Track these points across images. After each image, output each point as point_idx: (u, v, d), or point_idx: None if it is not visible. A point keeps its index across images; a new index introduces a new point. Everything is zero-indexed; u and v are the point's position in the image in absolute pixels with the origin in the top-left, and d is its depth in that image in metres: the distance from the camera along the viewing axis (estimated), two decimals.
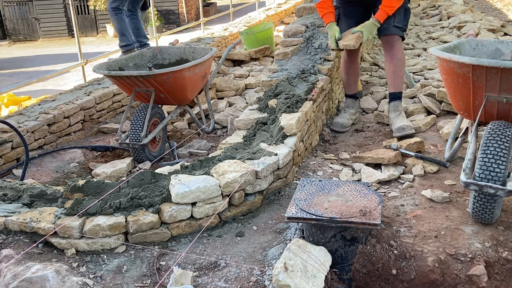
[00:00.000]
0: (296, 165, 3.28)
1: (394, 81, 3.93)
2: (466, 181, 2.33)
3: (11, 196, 2.77)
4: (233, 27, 9.09)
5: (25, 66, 14.66)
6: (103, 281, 2.25)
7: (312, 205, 2.38)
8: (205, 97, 4.64)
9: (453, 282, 2.28)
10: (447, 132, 3.62)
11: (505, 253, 2.32)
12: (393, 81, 3.94)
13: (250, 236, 2.57)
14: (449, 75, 2.66)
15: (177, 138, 4.58)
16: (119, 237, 2.47)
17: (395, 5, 3.70)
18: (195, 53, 4.64)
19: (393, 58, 3.89)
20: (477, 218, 2.50)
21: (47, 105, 4.64)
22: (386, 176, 3.13)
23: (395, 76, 3.92)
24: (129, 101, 4.12)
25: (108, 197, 2.55)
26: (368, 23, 3.78)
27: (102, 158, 4.20)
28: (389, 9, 3.71)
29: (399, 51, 3.89)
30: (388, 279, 2.34)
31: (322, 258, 2.19)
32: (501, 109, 2.57)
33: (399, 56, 3.89)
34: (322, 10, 3.99)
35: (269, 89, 3.93)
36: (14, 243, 2.48)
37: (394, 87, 3.94)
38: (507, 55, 3.14)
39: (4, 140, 3.84)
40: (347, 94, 4.28)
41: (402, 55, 3.93)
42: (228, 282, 2.19)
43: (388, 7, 3.69)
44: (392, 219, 2.63)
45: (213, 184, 2.56)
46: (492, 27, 7.38)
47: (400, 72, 3.94)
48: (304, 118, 3.43)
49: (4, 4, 20.44)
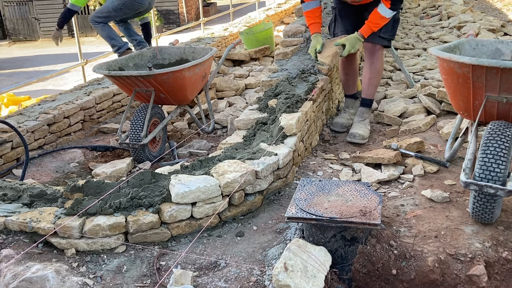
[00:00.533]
0: (296, 165, 3.28)
1: (368, 88, 4.02)
2: (466, 181, 2.33)
3: (11, 196, 2.77)
4: (233, 27, 9.09)
5: (25, 66, 14.67)
6: (103, 281, 2.25)
7: (312, 205, 2.38)
8: (205, 97, 4.64)
9: (453, 282, 2.28)
10: (447, 132, 3.62)
11: (505, 253, 2.32)
12: (367, 88, 4.03)
13: (250, 236, 2.58)
14: (449, 75, 2.66)
15: (177, 138, 4.58)
16: (119, 237, 2.47)
17: (381, 23, 3.72)
18: (195, 53, 4.65)
19: (371, 66, 3.95)
20: (477, 218, 2.50)
21: (47, 105, 4.64)
22: (386, 176, 3.13)
23: (369, 83, 4.01)
24: (129, 101, 4.12)
25: (108, 197, 2.55)
26: (352, 36, 3.79)
27: (102, 158, 4.20)
28: (374, 26, 3.73)
29: (378, 60, 3.94)
30: (388, 279, 2.34)
31: (322, 258, 2.19)
32: (501, 109, 2.57)
33: (378, 65, 3.95)
34: (309, 19, 3.99)
35: (269, 89, 3.93)
36: (14, 243, 2.48)
37: (366, 94, 4.04)
38: (507, 55, 3.14)
39: (4, 140, 3.84)
40: (347, 94, 4.29)
41: (381, 65, 4.00)
42: (228, 282, 2.19)
43: (374, 23, 3.72)
44: (392, 219, 2.63)
45: (213, 184, 2.56)
46: (492, 27, 7.38)
47: (375, 80, 4.01)
48: (304, 118, 3.43)
49: (4, 4, 20.45)
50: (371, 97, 4.04)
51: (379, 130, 4.12)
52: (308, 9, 3.95)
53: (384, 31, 3.82)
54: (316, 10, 3.95)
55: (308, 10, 3.95)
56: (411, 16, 9.51)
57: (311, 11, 3.94)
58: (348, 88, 4.23)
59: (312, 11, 3.94)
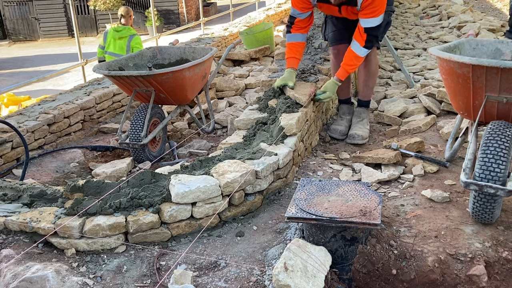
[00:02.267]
0: (296, 165, 3.28)
1: (363, 90, 4.01)
2: (466, 181, 2.33)
3: (11, 196, 2.77)
4: (233, 27, 9.09)
5: (25, 66, 14.67)
6: (103, 281, 2.25)
7: (312, 205, 2.38)
8: (205, 97, 4.64)
9: (453, 282, 2.28)
10: (447, 132, 3.62)
11: (505, 253, 2.32)
12: (362, 90, 4.02)
13: (250, 236, 2.57)
14: (449, 75, 2.66)
15: (177, 138, 4.58)
16: (119, 237, 2.47)
17: (357, 63, 3.64)
18: (195, 53, 4.64)
19: (365, 68, 3.92)
20: (477, 218, 2.50)
21: (47, 105, 4.64)
22: (386, 176, 3.13)
23: (365, 85, 3.99)
24: (129, 101, 4.12)
25: (108, 197, 2.55)
26: (330, 83, 3.69)
27: (102, 158, 4.20)
28: (350, 68, 3.64)
29: (372, 62, 3.90)
30: (388, 279, 2.34)
31: (322, 258, 2.19)
32: (501, 109, 2.57)
33: (372, 68, 3.93)
34: (290, 52, 3.84)
35: (269, 89, 3.92)
36: (14, 243, 2.48)
37: (363, 96, 4.03)
38: (507, 55, 3.14)
39: (4, 140, 3.84)
40: (341, 100, 4.17)
41: (375, 67, 3.98)
42: (228, 282, 2.19)
43: (349, 65, 3.63)
44: (392, 219, 2.63)
45: (213, 184, 2.56)
46: (492, 27, 7.39)
47: (370, 82, 3.99)
48: (304, 118, 3.43)
49: (4, 4, 20.45)
50: (367, 98, 4.03)
51: (379, 130, 4.12)
52: (292, 41, 3.81)
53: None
54: (299, 45, 3.82)
55: (292, 42, 3.82)
56: (411, 16, 9.51)
57: (294, 44, 3.81)
58: (341, 92, 4.09)
59: (295, 44, 3.81)
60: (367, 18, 3.47)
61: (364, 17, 3.48)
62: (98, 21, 20.68)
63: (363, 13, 3.46)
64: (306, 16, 3.74)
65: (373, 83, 4.03)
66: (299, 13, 3.71)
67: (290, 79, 3.72)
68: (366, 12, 3.44)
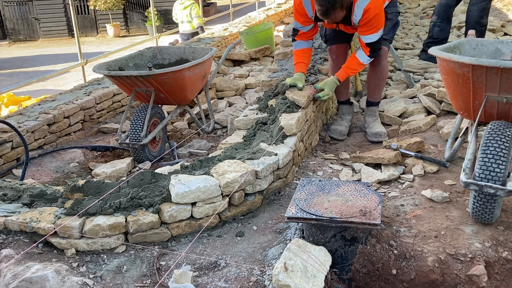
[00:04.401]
0: (296, 165, 3.28)
1: (374, 92, 4.02)
2: (466, 181, 2.33)
3: (11, 196, 2.77)
4: (233, 27, 9.09)
5: (25, 66, 14.67)
6: (103, 281, 2.25)
7: (312, 205, 2.38)
8: (205, 97, 4.64)
9: (453, 282, 2.28)
10: (447, 132, 3.62)
11: (505, 253, 2.32)
12: (373, 92, 4.02)
13: (250, 236, 2.58)
14: (449, 75, 2.66)
15: (177, 138, 4.58)
16: (119, 237, 2.47)
17: (358, 69, 3.71)
18: (195, 53, 4.64)
19: (378, 71, 3.91)
20: (477, 218, 2.50)
21: (47, 105, 4.64)
22: (386, 176, 3.13)
23: (376, 88, 3.99)
24: (129, 101, 4.12)
25: (108, 197, 2.55)
26: (330, 80, 3.71)
27: (102, 158, 4.20)
28: (351, 71, 3.69)
29: (385, 66, 3.90)
30: (388, 279, 2.34)
31: (322, 258, 2.19)
32: (501, 109, 2.56)
33: (384, 71, 3.92)
34: (297, 58, 3.87)
35: (269, 89, 3.92)
36: (14, 243, 2.48)
37: (373, 98, 4.04)
38: (507, 55, 3.14)
39: (4, 140, 3.84)
40: (340, 101, 4.17)
41: (387, 70, 3.98)
42: (228, 282, 2.19)
43: (351, 69, 3.67)
44: (392, 219, 2.63)
45: (213, 184, 2.56)
46: (492, 27, 7.38)
47: (381, 85, 4.01)
48: (304, 118, 3.43)
49: (4, 4, 20.45)
50: (377, 100, 4.06)
51: None
52: (298, 48, 3.85)
53: (386, 33, 3.77)
54: (306, 51, 3.85)
55: (298, 49, 3.85)
56: (411, 16, 9.51)
57: (301, 51, 3.84)
58: (340, 94, 4.10)
59: (302, 51, 3.84)
60: (366, 35, 3.51)
61: (363, 34, 3.52)
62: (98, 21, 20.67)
63: (362, 30, 3.51)
64: (309, 29, 3.77)
65: (384, 85, 4.07)
66: (301, 26, 3.75)
67: (300, 81, 3.77)
68: (364, 29, 3.49)
